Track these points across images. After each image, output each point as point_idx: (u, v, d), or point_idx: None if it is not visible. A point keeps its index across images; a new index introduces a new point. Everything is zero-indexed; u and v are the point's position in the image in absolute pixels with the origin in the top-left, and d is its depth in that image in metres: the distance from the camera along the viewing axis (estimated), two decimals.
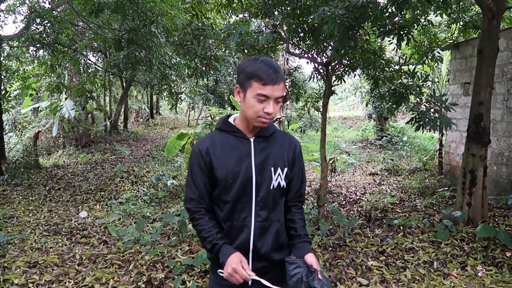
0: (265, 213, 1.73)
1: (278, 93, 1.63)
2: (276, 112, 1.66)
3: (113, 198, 7.19)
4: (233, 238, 1.71)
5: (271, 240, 1.73)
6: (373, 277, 3.68)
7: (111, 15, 8.46)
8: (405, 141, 13.04)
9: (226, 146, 1.75)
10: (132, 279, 3.70)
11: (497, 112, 6.09)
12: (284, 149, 1.79)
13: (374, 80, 5.36)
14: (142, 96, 22.98)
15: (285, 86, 1.65)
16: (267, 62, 1.63)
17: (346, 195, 7.41)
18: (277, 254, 1.76)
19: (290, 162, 1.79)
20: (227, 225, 1.73)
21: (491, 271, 3.72)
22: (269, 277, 1.69)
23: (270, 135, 1.78)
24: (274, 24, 5.13)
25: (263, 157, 1.73)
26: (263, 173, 1.72)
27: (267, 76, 1.60)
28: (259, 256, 1.73)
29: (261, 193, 1.71)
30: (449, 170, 7.52)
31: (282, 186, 1.76)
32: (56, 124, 11.92)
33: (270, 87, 1.60)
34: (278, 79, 1.61)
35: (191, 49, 7.26)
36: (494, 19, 4.61)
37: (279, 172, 1.74)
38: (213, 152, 1.73)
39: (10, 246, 4.52)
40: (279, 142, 1.79)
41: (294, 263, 1.70)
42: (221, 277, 1.66)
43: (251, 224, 1.71)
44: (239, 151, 1.73)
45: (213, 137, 1.79)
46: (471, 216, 4.82)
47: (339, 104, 34.63)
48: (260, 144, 1.75)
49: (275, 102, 1.64)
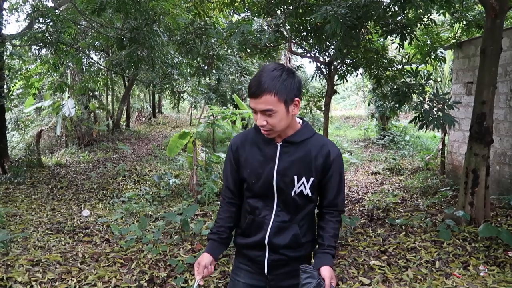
0: (285, 215, 1.76)
1: (260, 106, 1.61)
2: (274, 124, 1.64)
3: (115, 196, 7.21)
4: (253, 231, 1.80)
5: (288, 239, 1.76)
6: (375, 277, 3.68)
7: (113, 14, 8.45)
8: (407, 140, 13.02)
9: (255, 146, 1.78)
10: (135, 278, 3.71)
11: (500, 112, 6.07)
12: (315, 157, 1.73)
13: (377, 79, 5.36)
14: (144, 95, 23.00)
15: (278, 96, 1.57)
16: (259, 73, 1.63)
17: (348, 194, 7.41)
18: (293, 251, 1.78)
19: (320, 171, 1.73)
20: (250, 218, 1.80)
21: (493, 271, 3.71)
22: (284, 270, 1.80)
23: (301, 142, 1.74)
24: (277, 23, 5.13)
25: (287, 164, 1.72)
26: (284, 179, 1.72)
27: (249, 89, 1.63)
28: (274, 249, 1.78)
29: (282, 197, 1.74)
30: (451, 169, 7.50)
31: (306, 194, 1.74)
32: (60, 123, 11.94)
33: (252, 100, 1.62)
34: (257, 92, 1.59)
35: (193, 48, 7.25)
36: (497, 18, 4.59)
37: (303, 181, 1.72)
38: (242, 150, 1.80)
39: (13, 245, 4.54)
40: (310, 149, 1.73)
41: (307, 272, 1.69)
42: (240, 262, 1.88)
43: (270, 222, 1.76)
44: (265, 153, 1.75)
45: (247, 134, 1.84)
46: (474, 215, 4.81)
47: (341, 103, 34.57)
48: (287, 150, 1.74)
49: (263, 114, 1.62)
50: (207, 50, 7.59)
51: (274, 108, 1.60)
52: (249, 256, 1.83)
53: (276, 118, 1.62)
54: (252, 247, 1.80)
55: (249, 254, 1.82)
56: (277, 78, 1.59)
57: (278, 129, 1.66)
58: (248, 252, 1.83)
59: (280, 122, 1.64)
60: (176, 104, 20.03)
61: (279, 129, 1.66)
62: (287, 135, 1.73)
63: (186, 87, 16.96)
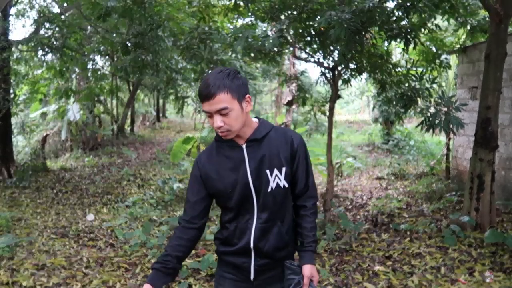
0: (266, 215, 1.76)
1: (215, 106, 1.63)
2: (231, 123, 1.66)
3: (120, 201, 7.23)
4: (237, 237, 1.78)
5: (273, 239, 1.77)
6: (379, 283, 3.66)
7: (118, 20, 8.52)
8: (412, 145, 12.96)
9: (222, 156, 1.78)
10: (139, 282, 3.72)
11: (505, 117, 6.04)
12: (280, 148, 1.77)
13: (381, 84, 5.35)
14: (149, 100, 23.08)
15: (230, 93, 1.61)
16: (205, 79, 1.66)
17: (353, 199, 7.39)
18: (280, 252, 1.80)
19: (289, 159, 1.78)
20: (232, 226, 1.79)
21: (499, 277, 3.68)
22: (271, 274, 1.81)
23: (263, 137, 1.77)
24: (281, 28, 5.15)
25: (257, 162, 1.74)
26: (260, 178, 1.74)
27: (200, 94, 1.65)
28: (262, 254, 1.78)
29: (261, 196, 1.75)
30: (456, 174, 7.46)
31: (282, 186, 1.77)
32: (65, 127, 12.01)
33: (206, 103, 1.64)
34: (210, 94, 1.62)
35: (198, 53, 7.28)
36: (502, 23, 4.58)
37: (276, 173, 1.75)
38: (209, 164, 1.79)
39: (18, 249, 4.55)
40: (274, 142, 1.77)
41: (291, 269, 1.79)
42: (224, 271, 1.85)
43: (253, 226, 1.76)
44: (234, 159, 1.76)
45: (210, 149, 1.84)
46: (479, 221, 4.78)
47: (345, 108, 34.56)
48: (253, 149, 1.76)
49: (220, 114, 1.65)
50: (211, 55, 7.61)
51: (229, 106, 1.63)
52: (234, 263, 1.81)
53: (232, 117, 1.65)
54: (237, 254, 1.79)
55: (234, 262, 1.81)
56: (226, 78, 1.64)
57: (236, 128, 1.68)
58: (233, 259, 1.81)
59: (237, 120, 1.67)
60: (180, 109, 20.09)
61: (236, 128, 1.68)
62: (248, 135, 1.75)
63: (190, 92, 17.01)
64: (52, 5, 10.27)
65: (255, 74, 15.96)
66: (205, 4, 7.65)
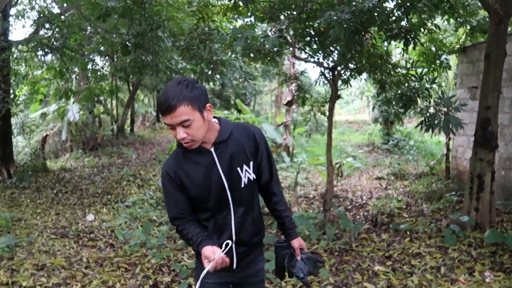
0: (243, 208, 1.87)
1: (177, 119, 1.64)
2: (193, 134, 1.68)
3: (119, 201, 7.23)
4: (218, 233, 1.86)
5: (250, 228, 1.90)
6: (379, 282, 3.66)
7: (118, 20, 8.52)
8: (411, 145, 12.96)
9: (191, 163, 1.81)
10: (139, 283, 3.72)
11: (504, 117, 6.04)
12: (244, 144, 1.85)
13: (381, 84, 5.35)
14: (149, 100, 23.08)
15: (191, 105, 1.63)
16: (164, 91, 1.66)
17: (352, 199, 7.39)
18: (256, 237, 1.96)
19: (254, 153, 1.87)
20: (211, 224, 1.87)
21: (499, 277, 3.68)
22: (248, 260, 1.94)
23: (228, 137, 1.82)
24: (280, 28, 5.15)
25: (227, 162, 1.80)
26: (232, 177, 1.81)
27: (161, 108, 1.66)
28: (242, 243, 1.89)
29: (236, 193, 1.84)
30: (456, 174, 7.46)
31: (253, 179, 1.88)
32: (65, 127, 12.02)
33: (167, 116, 1.65)
34: (170, 108, 1.62)
35: (197, 53, 7.28)
36: (502, 23, 4.58)
37: (245, 168, 1.84)
38: (181, 172, 1.81)
39: (18, 249, 4.56)
40: (238, 139, 1.84)
41: (281, 247, 2.04)
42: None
43: (231, 221, 1.85)
44: (204, 164, 1.80)
45: (176, 157, 1.84)
46: (479, 221, 4.78)
47: (345, 108, 34.53)
48: (221, 150, 1.80)
49: (182, 126, 1.66)
50: (211, 56, 7.62)
51: (191, 118, 1.65)
52: None
53: (194, 128, 1.67)
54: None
55: None
56: (185, 90, 1.65)
57: (199, 137, 1.71)
58: None
59: (199, 131, 1.69)
60: None
61: (199, 137, 1.71)
62: (213, 138, 1.79)
63: None
64: (52, 5, 10.27)
65: (255, 74, 15.98)
66: (205, 4, 7.64)
